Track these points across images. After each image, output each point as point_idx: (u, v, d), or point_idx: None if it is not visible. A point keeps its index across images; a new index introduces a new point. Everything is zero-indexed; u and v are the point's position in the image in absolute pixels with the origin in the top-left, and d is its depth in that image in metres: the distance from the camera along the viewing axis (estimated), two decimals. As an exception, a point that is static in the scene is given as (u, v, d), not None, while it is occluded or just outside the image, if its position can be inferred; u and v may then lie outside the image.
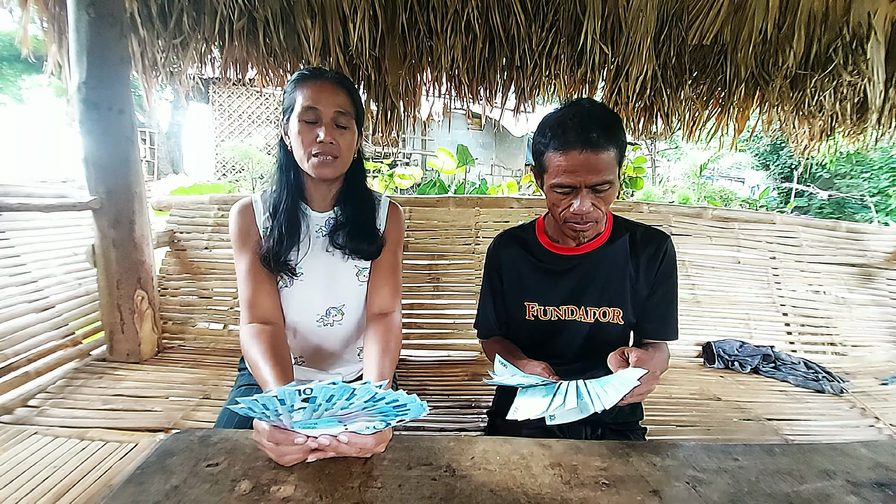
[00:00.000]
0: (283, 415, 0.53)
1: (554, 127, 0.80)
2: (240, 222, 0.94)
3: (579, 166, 0.76)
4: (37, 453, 1.03)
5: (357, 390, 0.50)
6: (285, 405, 0.51)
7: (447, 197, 2.06)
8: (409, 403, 0.53)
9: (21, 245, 1.53)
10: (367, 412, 0.54)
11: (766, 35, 1.79)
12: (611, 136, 0.77)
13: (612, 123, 0.78)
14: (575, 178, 0.77)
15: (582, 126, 0.76)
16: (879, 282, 2.13)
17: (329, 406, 0.52)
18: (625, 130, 0.81)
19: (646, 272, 0.92)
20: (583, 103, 0.81)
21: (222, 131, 10.29)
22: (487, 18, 1.77)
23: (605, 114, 0.79)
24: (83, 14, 1.42)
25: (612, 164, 0.78)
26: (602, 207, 0.81)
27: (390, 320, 0.93)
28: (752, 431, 1.35)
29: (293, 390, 0.50)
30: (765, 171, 11.74)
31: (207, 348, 1.77)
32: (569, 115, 0.79)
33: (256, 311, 0.88)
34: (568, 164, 0.77)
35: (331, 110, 0.86)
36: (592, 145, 0.75)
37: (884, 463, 0.63)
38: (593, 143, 0.75)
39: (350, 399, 0.51)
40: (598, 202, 0.80)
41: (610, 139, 0.77)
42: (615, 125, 0.79)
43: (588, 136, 0.75)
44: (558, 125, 0.79)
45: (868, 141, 2.27)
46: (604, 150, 0.76)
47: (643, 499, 0.54)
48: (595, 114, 0.78)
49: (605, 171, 0.77)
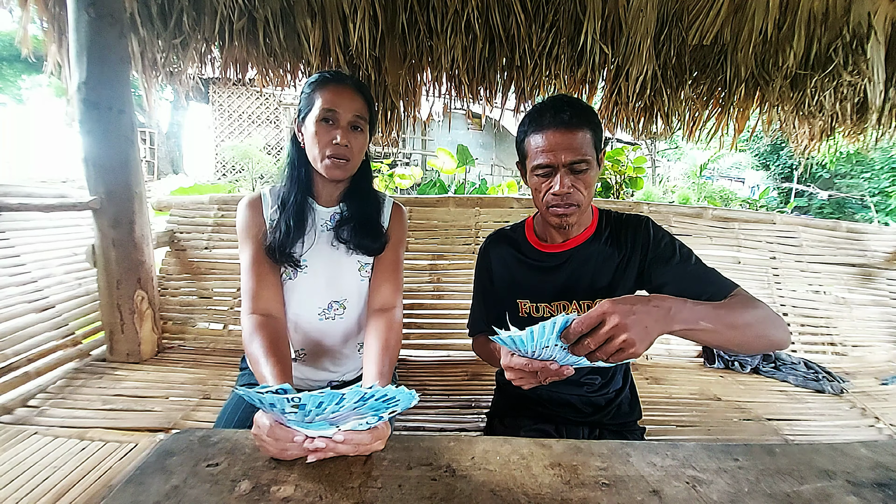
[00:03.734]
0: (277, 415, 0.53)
1: (531, 114, 0.87)
2: (247, 214, 0.96)
3: (555, 144, 0.81)
4: (37, 453, 1.03)
5: (346, 395, 0.50)
6: (276, 408, 0.51)
7: (447, 197, 2.06)
8: (397, 395, 0.53)
9: (21, 245, 1.54)
10: (357, 412, 0.54)
11: (766, 35, 1.79)
12: (584, 117, 0.82)
13: (585, 108, 0.84)
14: (552, 156, 0.82)
15: (556, 109, 0.82)
16: (879, 282, 2.13)
17: (320, 411, 0.52)
18: (600, 120, 0.87)
19: (631, 252, 0.92)
20: (556, 95, 0.89)
21: (222, 131, 10.29)
22: (487, 18, 1.77)
23: (577, 101, 0.85)
24: (83, 14, 1.42)
25: (588, 144, 0.83)
26: (582, 190, 0.84)
27: (391, 316, 0.94)
28: (753, 431, 1.35)
29: (281, 398, 0.49)
30: (765, 171, 11.75)
31: (207, 348, 1.77)
32: (544, 103, 0.86)
33: (259, 302, 0.89)
34: (545, 143, 0.82)
35: (349, 114, 0.90)
36: (566, 124, 0.81)
37: (884, 463, 0.63)
38: (567, 122, 0.81)
39: (340, 403, 0.51)
40: (577, 184, 0.83)
41: (583, 120, 0.82)
42: (588, 110, 0.85)
43: (561, 116, 0.81)
44: (535, 112, 0.86)
45: (868, 141, 2.27)
46: (578, 130, 0.81)
47: (643, 499, 0.54)
48: (568, 99, 0.85)
49: (580, 149, 0.81)
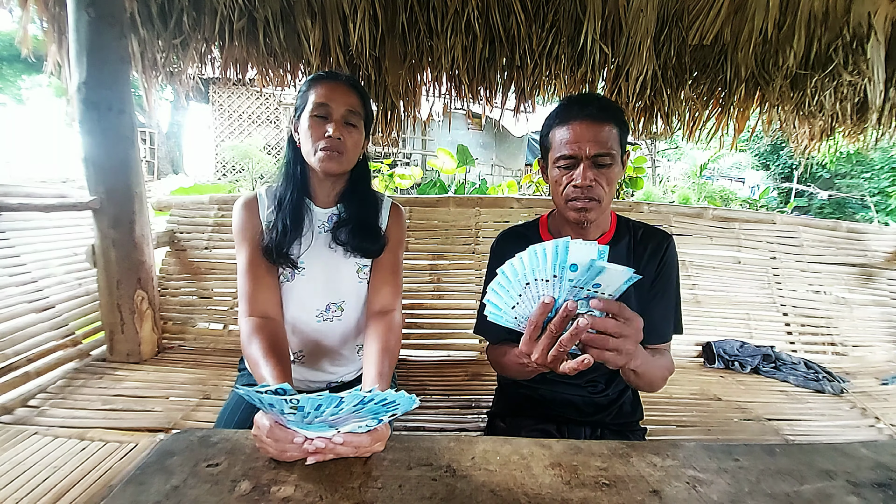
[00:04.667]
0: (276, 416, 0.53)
1: (558, 108, 0.88)
2: (243, 215, 0.95)
3: (580, 136, 0.81)
4: (37, 453, 1.03)
5: (345, 398, 0.50)
6: (275, 409, 0.51)
7: (447, 197, 2.06)
8: (397, 399, 0.53)
9: (21, 245, 1.53)
10: (356, 415, 0.54)
11: (766, 35, 1.79)
12: (612, 112, 0.83)
13: (613, 105, 0.85)
14: (577, 147, 0.81)
15: (583, 103, 0.83)
16: (880, 282, 2.13)
17: (318, 414, 0.52)
18: (627, 121, 0.88)
19: (646, 269, 0.92)
20: (585, 93, 0.93)
21: (222, 131, 10.28)
22: (487, 18, 1.77)
23: (606, 98, 0.87)
24: (83, 14, 1.42)
25: (614, 139, 0.82)
26: (604, 186, 0.83)
27: (391, 318, 0.93)
28: (753, 431, 1.35)
29: (280, 399, 0.49)
30: (765, 171, 11.74)
31: (207, 348, 1.77)
32: (572, 97, 0.87)
33: (256, 304, 0.89)
34: (570, 134, 0.82)
35: (342, 108, 0.89)
36: (593, 117, 0.82)
37: (884, 463, 0.63)
38: (594, 115, 0.82)
39: (339, 406, 0.51)
40: (599, 178, 0.82)
41: (610, 115, 0.82)
42: (616, 107, 0.85)
43: (589, 109, 0.82)
44: (562, 105, 0.87)
45: (868, 141, 2.27)
46: (605, 123, 0.81)
47: (643, 499, 0.54)
48: (596, 96, 0.86)
49: (605, 142, 0.81)
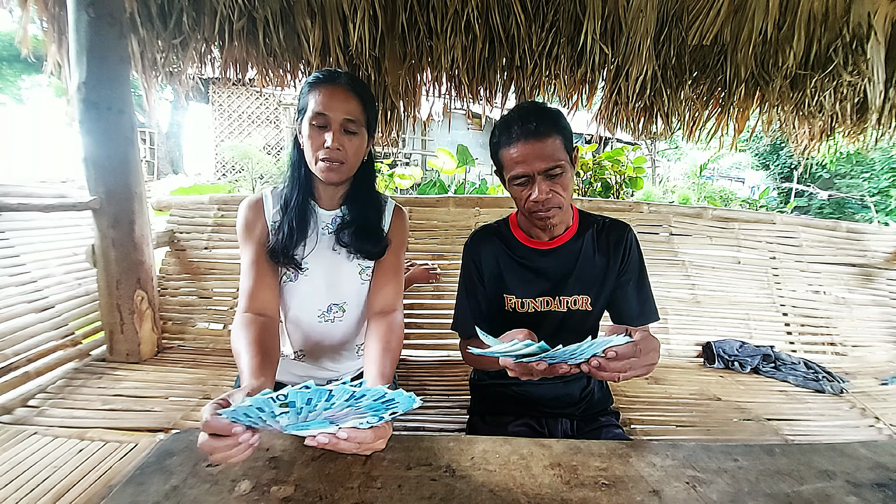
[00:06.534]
0: (269, 420, 0.51)
1: (500, 127, 0.89)
2: (248, 215, 0.96)
3: (527, 155, 0.84)
4: (37, 453, 1.03)
5: (334, 391, 0.49)
6: (265, 412, 0.50)
7: (447, 197, 2.06)
8: (395, 397, 0.52)
9: (21, 245, 1.53)
10: (355, 411, 0.53)
11: (766, 35, 1.79)
12: (551, 124, 0.85)
13: (551, 114, 0.87)
14: (527, 166, 0.85)
15: (522, 120, 0.85)
16: (879, 282, 2.13)
17: (312, 409, 0.51)
18: (567, 122, 0.89)
19: (613, 261, 0.98)
20: (522, 104, 0.91)
21: (222, 131, 10.29)
22: (487, 18, 1.77)
23: (543, 108, 0.88)
24: (83, 14, 1.42)
25: (559, 149, 0.85)
26: (561, 193, 0.87)
27: (392, 319, 0.94)
28: (752, 432, 1.35)
29: (267, 398, 0.48)
30: (765, 171, 11.74)
31: (207, 348, 1.77)
32: (511, 114, 0.89)
33: (254, 301, 0.89)
34: (517, 154, 0.85)
35: (340, 117, 0.87)
36: (535, 134, 0.84)
37: (884, 463, 0.63)
38: (534, 132, 0.84)
39: (329, 399, 0.50)
40: (555, 188, 0.86)
41: (551, 127, 0.85)
42: (554, 115, 0.87)
43: (528, 126, 0.84)
44: (503, 124, 0.89)
45: (868, 141, 2.27)
46: (547, 137, 0.84)
47: (643, 499, 0.54)
48: (533, 108, 0.87)
49: (552, 156, 0.84)
